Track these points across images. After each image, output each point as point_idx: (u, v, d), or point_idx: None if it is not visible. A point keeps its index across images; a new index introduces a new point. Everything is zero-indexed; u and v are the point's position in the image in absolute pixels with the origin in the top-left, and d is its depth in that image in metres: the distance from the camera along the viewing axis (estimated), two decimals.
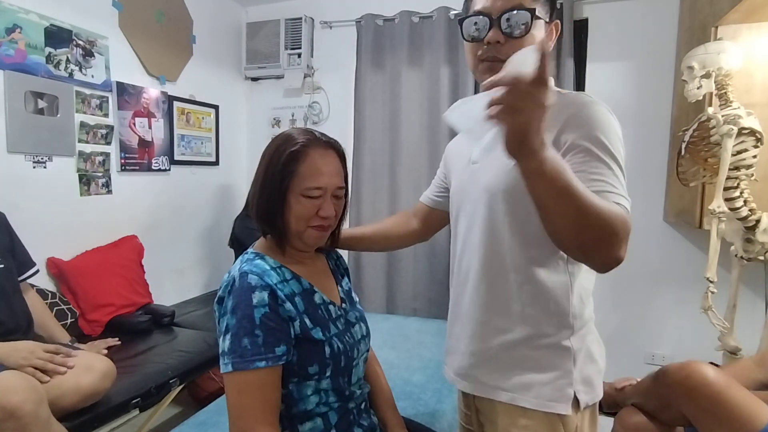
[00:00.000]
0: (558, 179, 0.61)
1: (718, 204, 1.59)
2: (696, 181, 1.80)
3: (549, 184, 0.61)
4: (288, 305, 0.82)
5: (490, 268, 0.87)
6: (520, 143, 0.58)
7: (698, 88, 1.64)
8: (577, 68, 2.36)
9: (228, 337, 0.80)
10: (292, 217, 0.86)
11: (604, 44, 2.39)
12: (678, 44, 2.23)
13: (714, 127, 1.60)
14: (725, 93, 1.61)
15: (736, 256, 1.72)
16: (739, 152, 1.57)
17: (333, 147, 0.90)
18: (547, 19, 0.84)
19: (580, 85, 2.42)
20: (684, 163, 1.79)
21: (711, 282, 1.63)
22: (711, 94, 1.69)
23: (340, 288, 0.99)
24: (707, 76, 1.62)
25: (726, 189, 1.60)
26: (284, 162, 0.84)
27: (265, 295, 0.80)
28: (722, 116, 1.58)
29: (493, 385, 0.87)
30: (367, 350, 1.00)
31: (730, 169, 1.57)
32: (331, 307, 0.92)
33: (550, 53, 0.61)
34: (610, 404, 1.55)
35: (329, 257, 1.05)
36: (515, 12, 0.78)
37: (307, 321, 0.85)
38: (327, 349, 0.85)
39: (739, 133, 1.55)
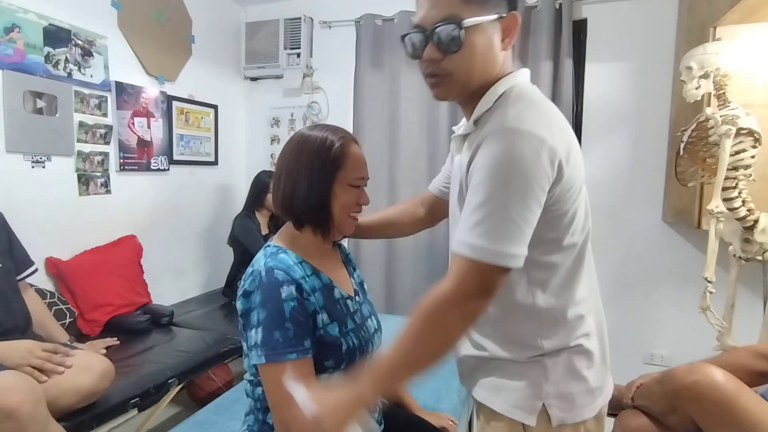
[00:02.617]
0: (392, 378, 0.72)
1: (716, 204, 1.59)
2: (694, 182, 1.80)
3: (393, 385, 0.77)
4: (312, 298, 0.87)
5: None
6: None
7: (697, 89, 1.64)
8: (576, 68, 2.36)
9: (260, 330, 0.83)
10: (337, 207, 0.92)
11: (603, 44, 2.39)
12: (677, 44, 2.23)
13: (712, 127, 1.59)
14: (723, 93, 1.61)
15: (734, 256, 1.72)
16: (737, 152, 1.57)
17: (358, 142, 0.98)
18: (494, 17, 0.74)
19: (579, 85, 2.42)
20: (682, 164, 1.79)
21: (709, 282, 1.63)
22: (709, 94, 1.69)
23: (353, 280, 1.04)
24: (706, 76, 1.61)
25: (724, 189, 1.60)
26: (335, 155, 0.90)
27: (292, 289, 0.84)
28: (720, 116, 1.57)
29: (476, 384, 0.88)
30: (380, 343, 1.03)
31: (728, 170, 1.57)
32: (348, 301, 0.96)
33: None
34: (613, 405, 1.53)
35: (341, 250, 1.08)
36: (444, 25, 0.73)
37: (325, 317, 0.89)
38: (344, 345, 0.89)
39: (738, 134, 1.55)
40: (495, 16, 0.74)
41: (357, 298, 1.00)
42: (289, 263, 0.88)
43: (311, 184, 0.90)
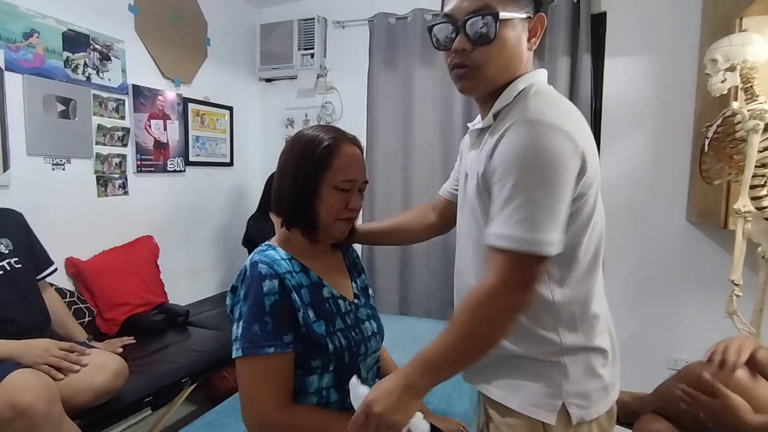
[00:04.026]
0: (439, 368, 0.75)
1: (743, 203, 1.53)
2: (720, 179, 1.73)
3: (439, 374, 0.76)
4: (295, 295, 0.85)
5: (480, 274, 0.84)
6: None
7: (722, 82, 1.57)
8: (594, 64, 2.30)
9: (240, 323, 0.83)
10: (323, 209, 0.89)
11: (623, 38, 2.31)
12: (701, 37, 2.15)
13: (739, 122, 1.53)
14: (751, 87, 1.54)
15: (763, 257, 1.64)
16: (765, 148, 1.50)
17: (357, 144, 0.94)
18: (524, 15, 0.77)
19: (598, 81, 2.35)
20: (708, 161, 1.73)
21: (736, 285, 1.56)
22: (736, 88, 1.62)
23: (354, 285, 1.01)
24: (732, 69, 1.55)
25: (752, 187, 1.53)
26: (319, 155, 0.87)
27: (275, 283, 0.83)
28: (748, 111, 1.50)
29: (489, 383, 0.86)
30: (379, 348, 1.01)
31: (756, 167, 1.50)
32: (340, 301, 0.93)
33: None
34: (628, 414, 1.49)
35: (347, 255, 1.06)
36: (479, 16, 0.74)
37: (311, 314, 0.86)
38: (330, 346, 0.86)
39: (766, 129, 1.48)
40: (525, 15, 0.77)
41: (356, 301, 0.98)
42: (275, 257, 0.87)
43: (296, 184, 0.89)
